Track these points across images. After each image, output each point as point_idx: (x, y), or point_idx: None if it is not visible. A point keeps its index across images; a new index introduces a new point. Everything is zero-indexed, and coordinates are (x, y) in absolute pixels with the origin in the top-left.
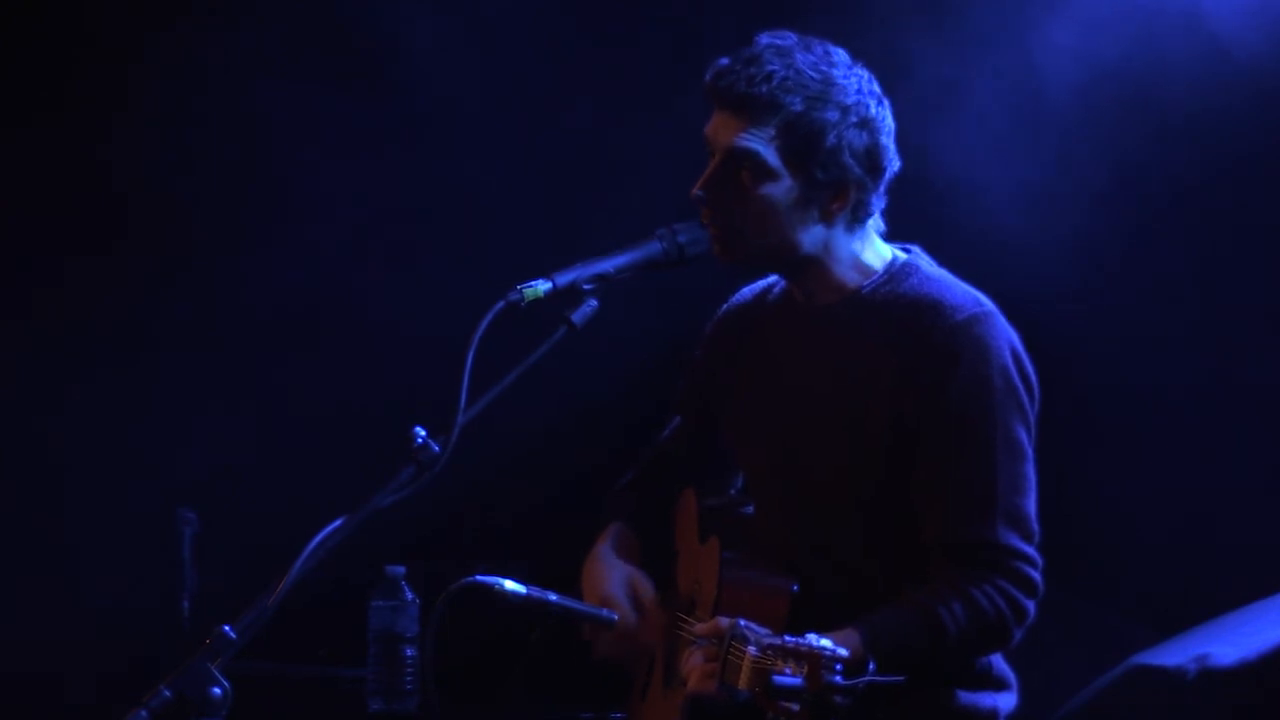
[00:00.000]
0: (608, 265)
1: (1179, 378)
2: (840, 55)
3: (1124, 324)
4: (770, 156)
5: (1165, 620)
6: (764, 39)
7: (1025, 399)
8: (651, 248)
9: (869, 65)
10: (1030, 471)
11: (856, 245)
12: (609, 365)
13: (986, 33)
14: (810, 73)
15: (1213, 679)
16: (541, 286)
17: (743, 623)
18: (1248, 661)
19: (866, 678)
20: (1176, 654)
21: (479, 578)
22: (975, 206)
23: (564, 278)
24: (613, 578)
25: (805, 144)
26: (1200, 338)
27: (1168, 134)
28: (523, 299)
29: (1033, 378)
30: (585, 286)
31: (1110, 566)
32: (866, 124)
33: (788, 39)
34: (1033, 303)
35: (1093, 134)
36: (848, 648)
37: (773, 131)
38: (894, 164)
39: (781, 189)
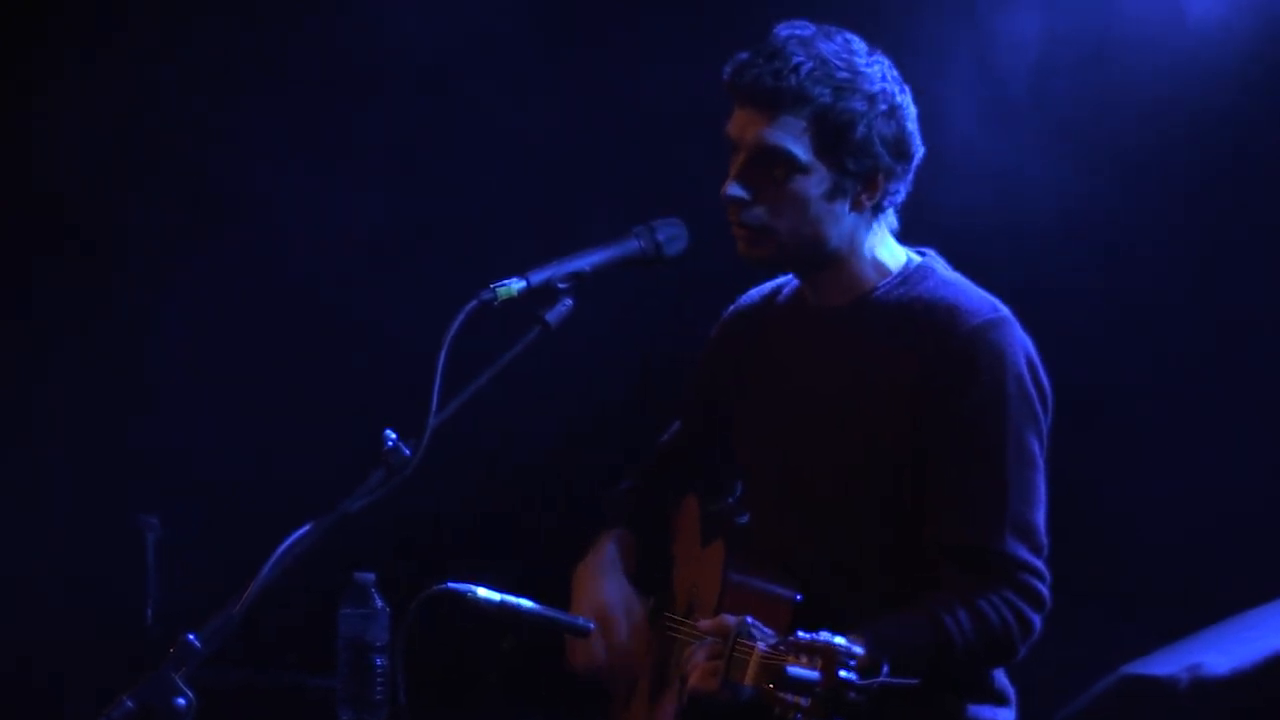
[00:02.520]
0: (583, 263)
1: (1180, 378)
2: (859, 43)
3: (1122, 323)
4: (802, 150)
5: (1162, 625)
6: (784, 31)
7: (1039, 408)
8: (629, 245)
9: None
10: (1041, 482)
11: (875, 239)
12: (592, 367)
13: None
14: (836, 61)
15: (1206, 689)
16: (515, 285)
17: (750, 620)
18: (1241, 671)
19: (881, 679)
20: (1169, 663)
21: (451, 585)
22: (957, 199)
23: (538, 276)
24: (610, 589)
25: (837, 135)
26: (1202, 336)
27: (1166, 127)
28: (495, 298)
29: (1047, 386)
30: (560, 285)
31: (1107, 570)
32: (894, 111)
33: (807, 29)
34: (1025, 301)
35: (1092, 129)
36: (861, 647)
37: (804, 124)
38: (920, 150)
39: (814, 181)
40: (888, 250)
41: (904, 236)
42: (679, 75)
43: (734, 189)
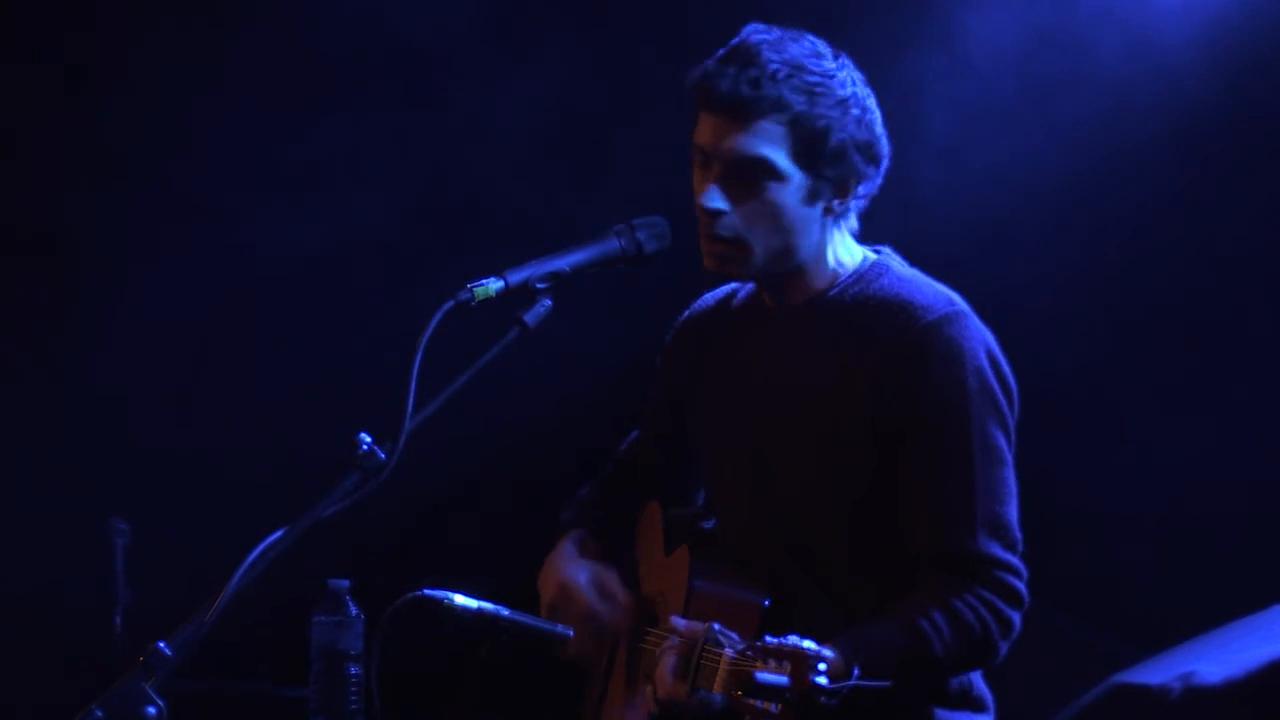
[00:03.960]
0: (562, 263)
1: (1172, 377)
2: (824, 45)
3: (1104, 324)
4: (781, 158)
5: (1146, 634)
6: (754, 36)
7: (1003, 402)
8: (609, 245)
9: None
10: (1010, 477)
11: (837, 241)
12: (566, 371)
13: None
14: (810, 66)
15: (1198, 698)
16: (493, 285)
17: (717, 626)
18: (1234, 680)
19: (852, 682)
20: (1160, 672)
21: (427, 591)
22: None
23: (516, 276)
24: (573, 568)
25: (813, 141)
26: (1189, 339)
27: (1147, 127)
28: (473, 298)
29: (1010, 380)
30: (539, 285)
31: (1088, 577)
32: (864, 114)
33: (773, 32)
34: (1006, 302)
35: (1076, 126)
36: (832, 650)
37: (782, 130)
38: (888, 152)
39: (790, 189)
40: (846, 250)
41: (880, 236)
42: (667, 73)
43: (713, 200)
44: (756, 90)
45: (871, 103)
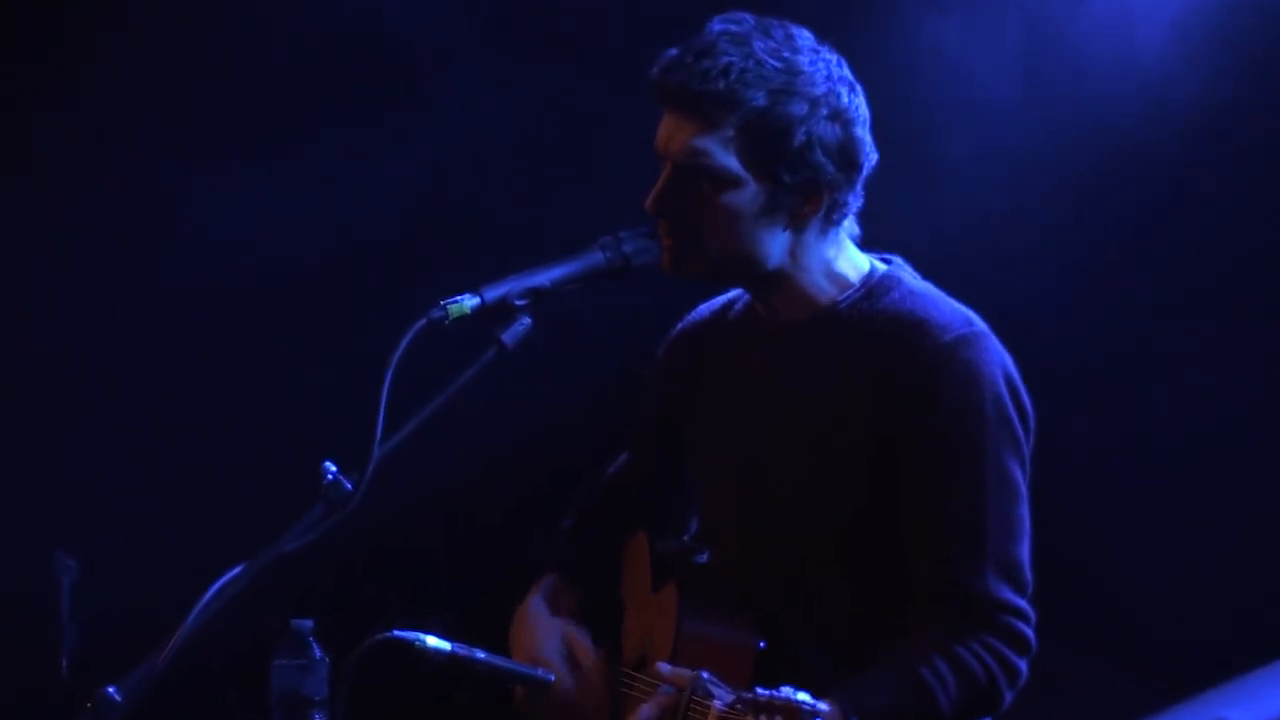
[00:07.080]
0: (543, 278)
1: (1170, 403)
2: (805, 38)
3: (1110, 346)
4: (730, 162)
5: (1157, 672)
6: (717, 25)
7: (1019, 431)
8: (593, 258)
9: None
10: (1024, 513)
11: (830, 252)
12: (551, 388)
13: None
14: (772, 61)
15: None
16: (468, 302)
17: (706, 675)
18: None
19: None
20: (1192, 718)
21: (397, 633)
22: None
23: (493, 292)
24: (544, 635)
25: (770, 144)
26: (1194, 360)
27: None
28: (446, 316)
29: (1027, 406)
30: (517, 302)
31: (1100, 613)
32: (838, 115)
33: (744, 23)
34: (1016, 320)
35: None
36: (827, 704)
37: (731, 132)
38: (872, 157)
39: (745, 196)
40: (846, 260)
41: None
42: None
43: (656, 203)
44: (705, 86)
45: (851, 100)
